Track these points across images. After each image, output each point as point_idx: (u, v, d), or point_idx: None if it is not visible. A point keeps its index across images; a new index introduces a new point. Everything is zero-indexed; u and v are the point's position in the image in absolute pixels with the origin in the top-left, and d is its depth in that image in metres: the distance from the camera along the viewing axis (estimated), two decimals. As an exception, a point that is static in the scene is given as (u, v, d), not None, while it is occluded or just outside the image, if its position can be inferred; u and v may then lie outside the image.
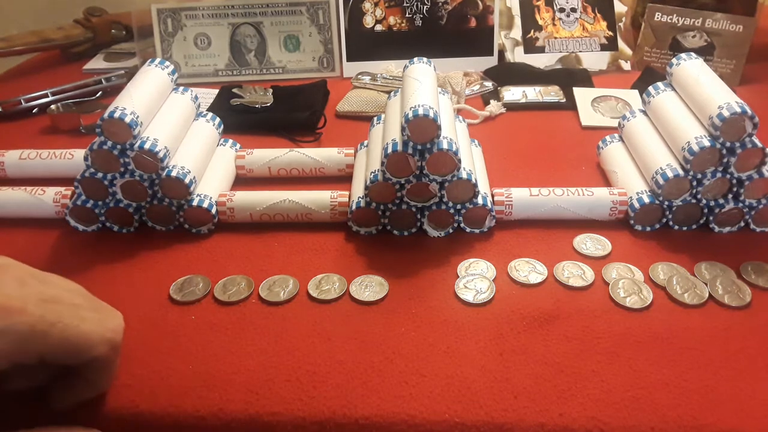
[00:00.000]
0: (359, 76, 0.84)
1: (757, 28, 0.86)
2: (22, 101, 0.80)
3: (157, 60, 0.59)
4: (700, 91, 0.53)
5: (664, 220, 0.53)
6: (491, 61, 0.92)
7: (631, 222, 0.53)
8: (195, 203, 0.53)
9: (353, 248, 0.51)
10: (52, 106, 0.77)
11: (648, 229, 0.53)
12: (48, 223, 0.56)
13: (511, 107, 0.79)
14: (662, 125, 0.56)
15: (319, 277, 0.48)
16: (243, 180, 0.62)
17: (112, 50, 1.04)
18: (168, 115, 0.56)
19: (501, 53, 0.93)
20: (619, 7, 0.95)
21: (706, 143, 0.50)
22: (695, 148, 0.50)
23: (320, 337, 0.42)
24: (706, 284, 0.46)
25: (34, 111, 0.80)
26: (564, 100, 0.80)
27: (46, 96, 0.81)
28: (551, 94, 0.81)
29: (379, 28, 0.91)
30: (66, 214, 0.54)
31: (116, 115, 0.51)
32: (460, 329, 0.42)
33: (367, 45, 0.91)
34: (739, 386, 0.38)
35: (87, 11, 1.04)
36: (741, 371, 0.39)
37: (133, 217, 0.54)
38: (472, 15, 0.91)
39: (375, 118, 0.60)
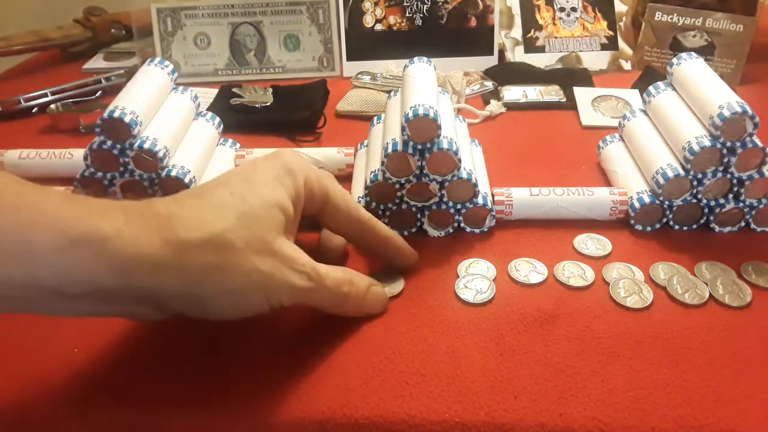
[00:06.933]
0: (359, 76, 0.84)
1: (758, 27, 0.86)
2: (21, 101, 0.80)
3: (157, 59, 0.59)
4: (701, 91, 0.53)
5: (665, 219, 0.53)
6: (491, 60, 0.92)
7: (632, 222, 0.53)
8: (195, 203, 0.53)
9: (353, 248, 0.51)
10: (52, 106, 0.77)
11: (648, 228, 0.53)
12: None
13: (512, 107, 0.79)
14: (662, 125, 0.56)
15: (318, 276, 0.48)
16: (243, 180, 0.62)
17: (112, 50, 1.04)
18: (168, 115, 0.56)
19: (501, 53, 0.93)
20: (620, 7, 0.95)
21: (707, 143, 0.50)
22: (696, 147, 0.50)
23: (320, 336, 0.42)
24: (706, 284, 0.46)
25: (33, 110, 0.80)
26: (564, 100, 0.80)
27: (45, 95, 0.80)
28: (551, 93, 0.81)
29: (379, 27, 0.91)
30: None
31: (116, 114, 0.51)
32: (460, 329, 0.42)
33: (367, 44, 0.91)
34: (739, 386, 0.38)
35: (86, 10, 1.04)
36: (741, 371, 0.39)
37: (132, 217, 0.54)
38: (473, 14, 0.91)
39: (375, 118, 0.60)
